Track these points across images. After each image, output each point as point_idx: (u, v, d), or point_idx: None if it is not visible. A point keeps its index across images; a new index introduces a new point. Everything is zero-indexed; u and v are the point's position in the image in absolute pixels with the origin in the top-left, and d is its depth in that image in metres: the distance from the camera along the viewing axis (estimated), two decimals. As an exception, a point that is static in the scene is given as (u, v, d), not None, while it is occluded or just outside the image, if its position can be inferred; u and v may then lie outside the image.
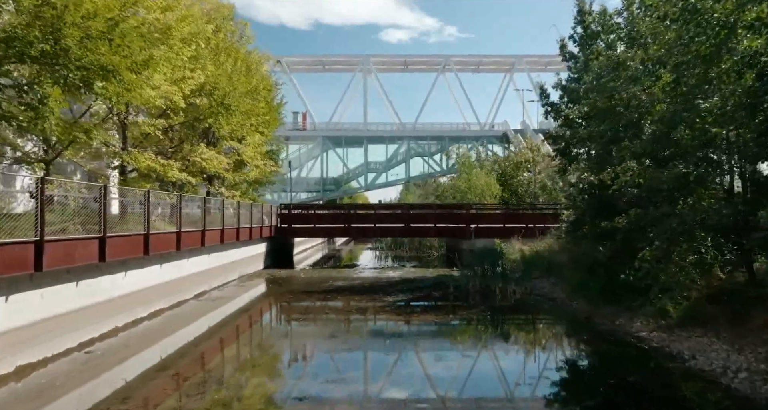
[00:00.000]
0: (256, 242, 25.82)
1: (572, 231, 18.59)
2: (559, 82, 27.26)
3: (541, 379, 9.60)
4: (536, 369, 10.41)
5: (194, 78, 14.97)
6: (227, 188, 25.20)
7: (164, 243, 14.80)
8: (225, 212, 20.79)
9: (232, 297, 18.10)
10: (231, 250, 21.78)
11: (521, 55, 69.16)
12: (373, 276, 24.20)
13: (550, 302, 16.88)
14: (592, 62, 21.08)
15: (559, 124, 27.51)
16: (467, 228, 29.15)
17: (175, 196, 15.61)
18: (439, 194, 58.45)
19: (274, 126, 27.92)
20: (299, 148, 70.22)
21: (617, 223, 12.00)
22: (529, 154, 47.10)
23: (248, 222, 23.63)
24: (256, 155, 23.51)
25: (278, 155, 29.73)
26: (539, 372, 10.17)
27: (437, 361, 10.47)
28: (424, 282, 21.99)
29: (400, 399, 8.22)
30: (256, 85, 21.29)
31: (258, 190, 30.43)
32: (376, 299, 17.50)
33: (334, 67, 73.06)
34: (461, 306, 16.95)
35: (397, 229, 29.19)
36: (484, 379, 9.69)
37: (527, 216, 30.10)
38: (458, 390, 8.84)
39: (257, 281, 22.33)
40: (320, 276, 23.82)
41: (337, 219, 29.32)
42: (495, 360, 11.04)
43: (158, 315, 14.51)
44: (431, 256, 35.76)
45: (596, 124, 16.60)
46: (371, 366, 10.48)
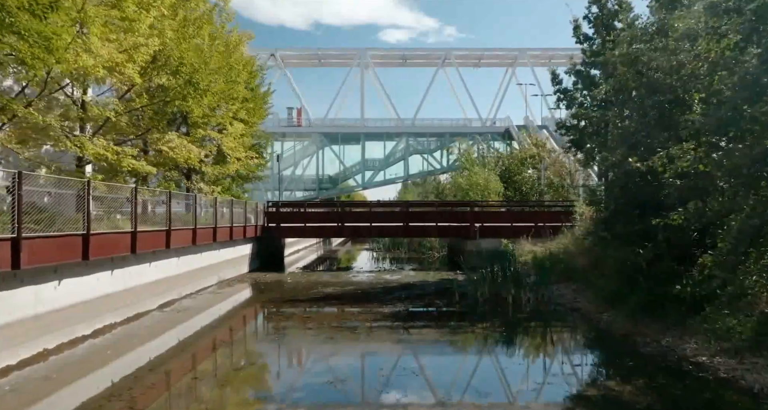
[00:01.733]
0: (240, 243, 23.31)
1: (598, 231, 16.11)
2: (573, 66, 24.88)
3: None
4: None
5: (148, 45, 12.44)
6: (207, 184, 22.69)
7: (112, 245, 12.28)
8: (199, 210, 18.30)
9: (202, 309, 15.58)
10: (207, 253, 19.26)
11: (524, 49, 66.70)
12: (368, 281, 21.69)
13: (574, 314, 14.36)
14: (622, 34, 18.66)
15: (572, 112, 25.18)
16: (471, 227, 26.67)
17: (129, 189, 13.09)
18: (440, 192, 55.96)
19: (259, 115, 25.41)
20: (294, 145, 67.73)
21: (672, 220, 9.48)
22: (534, 149, 44.66)
23: (229, 222, 21.11)
24: (237, 147, 20.99)
25: (265, 148, 27.21)
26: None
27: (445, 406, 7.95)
28: (425, 288, 19.49)
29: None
30: (234, 65, 18.76)
31: (243, 186, 27.91)
32: (370, 311, 15.01)
33: (330, 61, 70.48)
34: (470, 319, 14.46)
35: (395, 229, 26.68)
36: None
37: (536, 215, 27.62)
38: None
39: (238, 287, 19.81)
40: (309, 281, 21.31)
41: (329, 218, 26.79)
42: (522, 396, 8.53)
43: (107, 332, 12.00)
44: (432, 258, 33.27)
45: (632, 102, 14.14)
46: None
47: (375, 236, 30.41)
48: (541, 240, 25.51)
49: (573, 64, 24.54)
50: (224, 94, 18.12)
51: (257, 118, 25.30)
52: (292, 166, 67.12)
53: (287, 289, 19.31)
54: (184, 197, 17.50)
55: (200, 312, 14.93)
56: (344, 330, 12.95)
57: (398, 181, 74.19)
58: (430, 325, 13.83)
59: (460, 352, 11.38)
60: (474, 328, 13.49)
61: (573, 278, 17.89)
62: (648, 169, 11.18)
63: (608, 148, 16.08)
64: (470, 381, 9.18)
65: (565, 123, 24.90)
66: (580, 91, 24.36)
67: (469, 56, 68.95)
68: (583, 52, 24.25)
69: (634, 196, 11.95)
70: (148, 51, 12.42)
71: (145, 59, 12.55)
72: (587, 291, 15.78)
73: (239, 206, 23.06)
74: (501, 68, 71.75)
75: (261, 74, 25.88)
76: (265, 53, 65.36)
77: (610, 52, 18.71)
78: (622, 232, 12.72)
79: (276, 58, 64.96)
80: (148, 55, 12.53)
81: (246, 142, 24.33)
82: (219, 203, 20.35)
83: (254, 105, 24.31)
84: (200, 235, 17.84)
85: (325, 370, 9.63)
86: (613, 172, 14.16)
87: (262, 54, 65.96)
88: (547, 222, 26.86)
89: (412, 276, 22.81)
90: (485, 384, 8.97)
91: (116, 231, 12.38)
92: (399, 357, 10.51)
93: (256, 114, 24.81)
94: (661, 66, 11.11)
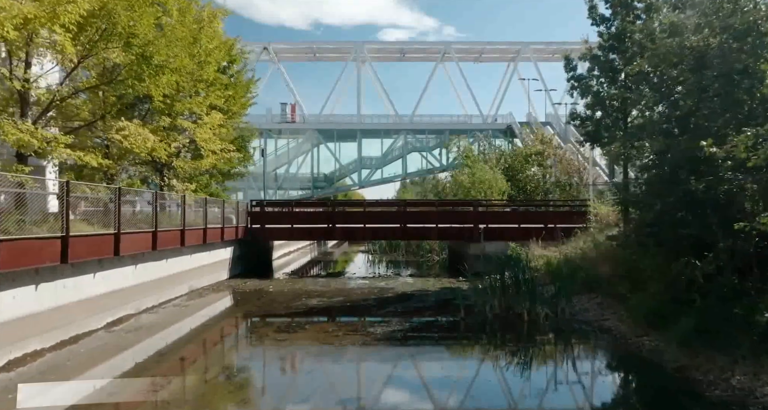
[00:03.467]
0: (217, 247, 20.82)
1: (635, 236, 13.67)
2: (589, 50, 22.44)
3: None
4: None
5: (77, 2, 9.95)
6: (181, 180, 20.18)
7: (34, 254, 9.80)
8: (166, 210, 15.85)
9: (158, 328, 13.07)
10: (174, 259, 16.77)
11: (526, 42, 64.20)
12: (360, 290, 19.21)
13: (605, 336, 11.88)
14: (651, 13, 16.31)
15: (587, 102, 22.75)
16: (475, 229, 24.22)
17: (60, 183, 10.60)
18: (439, 191, 53.48)
19: (241, 105, 22.91)
20: (288, 142, 65.28)
21: (764, 225, 7.01)
22: (539, 146, 42.20)
23: (202, 223, 18.63)
24: (212, 138, 18.49)
25: (249, 142, 24.74)
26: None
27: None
28: (424, 299, 17.04)
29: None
30: (205, 43, 16.23)
31: (224, 183, 25.40)
32: (358, 331, 12.53)
33: (326, 55, 68.00)
34: (479, 344, 12.04)
35: (392, 231, 24.20)
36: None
37: (546, 216, 25.16)
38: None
39: (210, 298, 17.33)
40: (294, 290, 18.83)
41: (319, 218, 24.28)
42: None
43: (27, 363, 9.54)
44: (431, 261, 30.81)
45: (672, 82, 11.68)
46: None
47: (369, 239, 27.92)
48: (553, 244, 23.12)
49: (588, 48, 22.10)
50: (191, 74, 15.64)
51: (239, 108, 22.81)
52: (286, 164, 64.66)
53: (266, 301, 16.83)
54: (145, 195, 14.99)
55: (154, 333, 12.44)
56: (325, 359, 10.48)
57: (396, 180, 71.71)
58: (431, 353, 11.35)
59: (469, 398, 8.88)
60: (485, 357, 11.05)
61: (596, 289, 15.43)
62: (706, 158, 8.76)
63: (630, 137, 13.63)
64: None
65: (579, 114, 22.44)
66: (597, 78, 21.92)
67: (469, 50, 66.47)
68: (600, 35, 21.76)
69: (689, 193, 9.47)
70: (77, 9, 9.90)
71: (74, 19, 10.02)
72: (616, 307, 13.33)
73: (216, 205, 20.59)
74: (502, 63, 69.36)
75: (243, 59, 23.29)
76: (258, 47, 62.92)
77: (640, 24, 16.31)
78: (670, 238, 10.25)
79: (269, 51, 62.54)
80: (77, 14, 10.00)
81: (226, 134, 21.87)
82: (190, 202, 17.88)
83: (234, 93, 21.83)
84: (164, 239, 15.37)
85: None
86: (655, 164, 11.68)
87: (255, 47, 63.53)
88: (558, 224, 24.47)
89: (410, 285, 20.34)
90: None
91: (39, 237, 9.89)
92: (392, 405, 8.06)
93: (237, 103, 22.32)
94: (729, 25, 8.67)
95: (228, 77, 21.93)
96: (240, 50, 22.75)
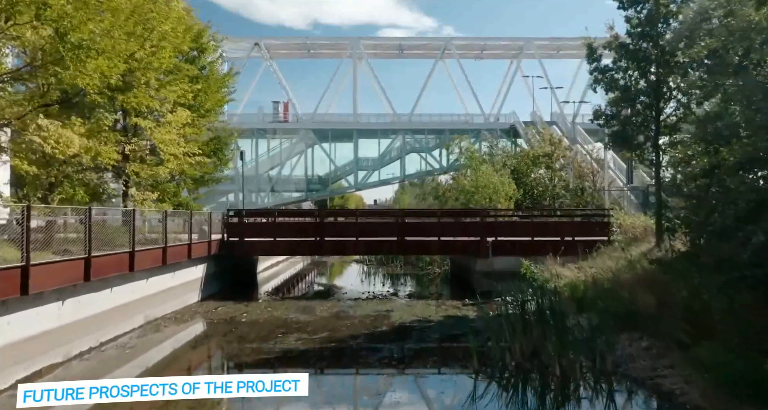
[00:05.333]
0: (184, 266, 17.84)
1: (687, 262, 10.76)
2: (615, 38, 19.51)
3: None
4: None
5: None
6: (142, 189, 17.22)
7: None
8: (97, 227, 12.91)
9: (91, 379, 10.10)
10: (120, 287, 13.78)
11: (530, 38, 61.20)
12: (350, 319, 16.16)
13: (668, 406, 8.90)
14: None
15: (613, 97, 19.85)
16: (482, 242, 21.27)
17: None
18: (440, 195, 50.50)
19: (214, 101, 19.94)
20: (280, 143, 62.27)
21: None
22: (547, 147, 39.21)
23: (161, 240, 15.67)
24: (174, 140, 15.51)
25: (226, 144, 21.73)
26: None
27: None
28: (426, 336, 14.08)
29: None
30: (156, 23, 13.18)
31: (197, 190, 22.34)
32: (341, 401, 9.57)
33: (321, 51, 64.93)
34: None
35: (388, 244, 21.21)
36: None
37: (563, 227, 22.17)
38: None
39: (167, 333, 14.34)
40: (272, 321, 15.82)
41: (305, 230, 21.26)
42: None
43: None
44: (432, 273, 27.89)
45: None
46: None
47: (362, 253, 24.94)
48: (571, 260, 20.20)
49: (614, 35, 19.15)
50: (138, 61, 12.69)
51: (213, 105, 19.84)
52: (279, 166, 61.63)
53: (233, 338, 13.85)
54: (72, 212, 12.02)
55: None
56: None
57: (394, 182, 68.74)
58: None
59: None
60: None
61: (638, 327, 12.48)
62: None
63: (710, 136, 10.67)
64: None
65: (603, 112, 19.50)
66: (624, 70, 18.98)
67: (470, 47, 63.53)
68: (628, 20, 18.85)
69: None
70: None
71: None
72: (673, 356, 10.35)
73: (183, 218, 17.61)
74: (505, 60, 66.42)
75: (215, 48, 20.17)
76: (248, 42, 59.99)
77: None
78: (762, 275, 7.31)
79: (261, 47, 59.54)
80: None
81: (197, 135, 18.93)
82: (149, 216, 14.92)
83: (206, 87, 18.86)
84: (103, 266, 12.40)
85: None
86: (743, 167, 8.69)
87: (245, 43, 60.59)
88: (577, 236, 21.53)
89: (408, 311, 17.31)
90: None
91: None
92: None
93: (210, 99, 19.35)
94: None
95: (198, 69, 18.93)
96: (211, 36, 19.67)
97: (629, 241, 20.45)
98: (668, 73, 17.43)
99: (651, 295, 13.07)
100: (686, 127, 18.23)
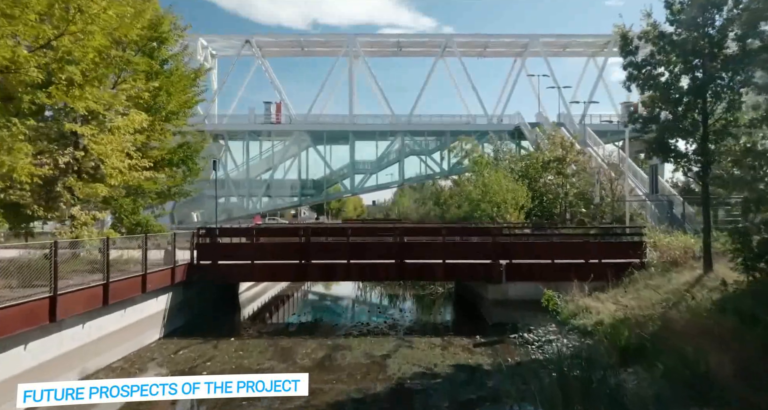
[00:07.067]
0: (140, 300, 14.83)
1: None
2: (654, 27, 16.52)
3: None
4: None
5: None
6: (89, 208, 14.21)
7: None
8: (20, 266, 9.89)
9: None
10: (41, 341, 10.76)
11: (535, 35, 58.31)
12: (336, 373, 13.13)
13: None
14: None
15: (649, 96, 16.88)
16: (495, 265, 18.28)
17: None
18: (442, 201, 47.54)
19: (180, 103, 16.91)
20: (273, 145, 59.44)
21: None
22: (559, 151, 36.15)
23: (102, 276, 12.63)
24: (118, 150, 12.50)
25: (198, 152, 18.66)
26: None
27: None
28: (432, 401, 11.07)
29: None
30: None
31: (162, 205, 19.29)
32: None
33: (315, 49, 62.00)
34: None
35: (385, 268, 18.13)
36: None
37: (588, 246, 19.07)
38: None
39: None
40: (242, 370, 12.81)
41: (289, 251, 18.18)
42: None
43: None
44: (435, 294, 24.93)
45: None
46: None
47: (355, 279, 21.89)
48: (600, 286, 17.25)
49: (652, 23, 16.15)
50: (55, 50, 9.66)
51: (177, 106, 16.81)
52: (271, 170, 58.72)
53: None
54: None
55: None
56: None
57: (392, 186, 66.05)
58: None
59: None
60: None
61: (711, 400, 9.47)
62: None
63: None
64: None
65: (641, 115, 16.48)
66: (665, 63, 15.98)
67: (472, 44, 60.61)
68: (668, 5, 15.89)
69: None
70: None
71: None
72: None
73: (136, 243, 14.59)
74: (509, 58, 63.53)
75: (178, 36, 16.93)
76: (239, 40, 57.05)
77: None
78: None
79: (252, 45, 56.61)
80: None
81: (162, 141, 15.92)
82: (79, 246, 11.88)
83: (167, 85, 15.83)
84: (11, 318, 9.38)
85: None
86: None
87: (236, 41, 57.64)
88: (605, 258, 18.50)
89: (409, 356, 14.19)
90: None
91: None
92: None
93: (172, 100, 16.32)
94: None
95: (159, 63, 15.90)
96: (174, 25, 16.53)
97: (667, 266, 17.50)
98: (724, 68, 14.48)
99: (721, 352, 10.12)
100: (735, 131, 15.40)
